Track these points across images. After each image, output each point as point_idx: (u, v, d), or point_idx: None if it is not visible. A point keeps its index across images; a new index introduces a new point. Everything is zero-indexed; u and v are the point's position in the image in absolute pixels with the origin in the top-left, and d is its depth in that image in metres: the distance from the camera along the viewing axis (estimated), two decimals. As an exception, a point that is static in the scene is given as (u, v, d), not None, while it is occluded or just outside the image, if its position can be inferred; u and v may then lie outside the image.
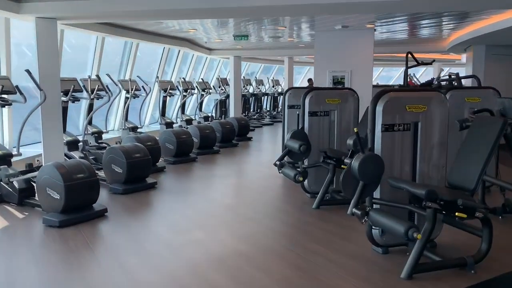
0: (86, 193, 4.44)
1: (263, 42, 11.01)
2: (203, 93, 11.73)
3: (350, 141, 3.90)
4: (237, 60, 12.94)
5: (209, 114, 12.92)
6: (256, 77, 17.43)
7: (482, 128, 3.42)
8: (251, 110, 16.19)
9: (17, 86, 4.94)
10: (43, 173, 4.40)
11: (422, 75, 23.51)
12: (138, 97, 8.56)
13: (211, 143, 8.86)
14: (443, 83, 6.55)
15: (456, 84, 5.92)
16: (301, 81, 22.38)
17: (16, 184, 4.87)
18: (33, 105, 5.10)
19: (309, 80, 16.88)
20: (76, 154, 6.51)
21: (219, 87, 13.09)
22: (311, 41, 10.52)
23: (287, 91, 6.91)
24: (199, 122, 11.47)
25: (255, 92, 16.13)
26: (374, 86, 8.02)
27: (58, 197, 4.25)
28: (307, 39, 10.15)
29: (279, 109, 18.17)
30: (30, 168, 5.24)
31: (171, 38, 9.76)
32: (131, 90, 8.25)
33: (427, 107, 3.45)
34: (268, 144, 10.95)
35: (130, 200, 5.31)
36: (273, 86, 18.03)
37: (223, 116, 14.02)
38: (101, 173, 6.01)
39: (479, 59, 9.25)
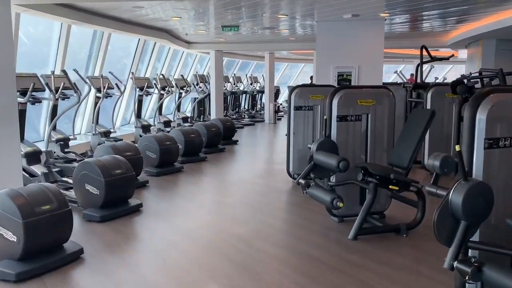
0: (53, 232, 3.27)
1: (248, 36, 9.94)
2: (181, 91, 10.56)
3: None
4: (219, 54, 11.86)
5: (188, 115, 11.80)
6: (234, 74, 16.35)
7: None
8: (230, 109, 15.14)
9: None
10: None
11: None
12: (111, 96, 7.31)
13: (197, 149, 7.77)
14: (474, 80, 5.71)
15: (500, 82, 5.12)
16: (295, 79, 21.42)
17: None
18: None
19: (312, 78, 16.14)
20: (37, 169, 5.24)
21: (197, 84, 11.96)
22: (306, 34, 9.59)
23: (293, 89, 5.94)
24: (178, 124, 10.30)
25: (233, 90, 15.07)
26: (384, 85, 7.15)
27: (15, 240, 3.06)
28: (304, 31, 9.17)
29: (258, 107, 17.23)
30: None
31: (148, 28, 8.53)
32: (103, 88, 7.00)
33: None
34: (257, 149, 9.94)
35: (110, 231, 4.16)
36: (251, 84, 17.02)
37: (201, 116, 12.91)
38: (71, 193, 4.81)
39: (489, 54, 8.58)
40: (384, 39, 7.26)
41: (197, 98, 12.22)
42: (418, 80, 6.73)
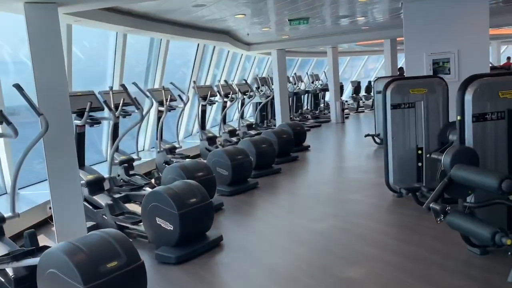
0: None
1: (311, 29, 8.94)
2: (244, 97, 9.79)
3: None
4: (281, 54, 10.96)
5: (252, 121, 11.05)
6: (295, 74, 15.43)
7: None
8: (292, 111, 14.23)
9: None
10: (47, 263, 2.48)
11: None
12: (174, 109, 6.65)
13: (270, 161, 6.92)
14: None
15: None
16: (357, 74, 20.22)
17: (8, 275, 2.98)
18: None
19: (400, 69, 14.78)
20: (101, 199, 4.62)
21: (258, 88, 11.16)
22: (377, 21, 8.43)
23: (388, 84, 4.89)
24: (244, 133, 9.54)
25: (295, 91, 14.17)
26: (492, 69, 5.86)
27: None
28: (379, 18, 8.03)
29: (321, 107, 16.15)
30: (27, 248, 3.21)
31: (207, 32, 7.84)
32: (166, 101, 6.35)
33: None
34: (333, 154, 8.93)
35: (189, 277, 3.38)
36: (312, 82, 15.95)
37: (265, 121, 12.11)
38: (140, 227, 4.13)
39: None
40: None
41: (260, 102, 11.43)
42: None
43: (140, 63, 8.30)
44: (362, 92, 18.46)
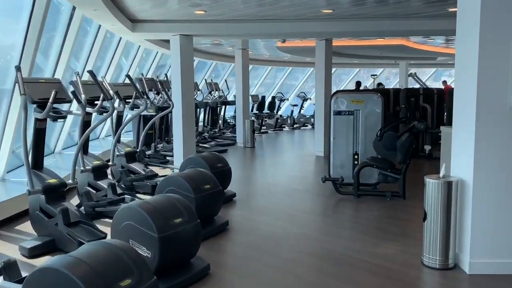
0: None
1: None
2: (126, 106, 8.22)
3: None
4: (186, 42, 9.58)
5: (134, 147, 9.36)
6: (208, 80, 14.86)
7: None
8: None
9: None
10: None
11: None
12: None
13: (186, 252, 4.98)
14: None
15: None
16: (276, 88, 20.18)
17: None
18: None
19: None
20: None
21: (145, 94, 9.80)
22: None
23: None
24: (122, 174, 7.39)
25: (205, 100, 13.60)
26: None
27: None
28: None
29: (220, 124, 15.70)
30: None
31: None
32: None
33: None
34: (278, 214, 6.46)
35: None
36: (210, 93, 15.41)
37: (153, 145, 10.34)
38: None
39: None
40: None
41: (148, 116, 9.58)
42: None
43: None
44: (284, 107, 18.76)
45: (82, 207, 5.21)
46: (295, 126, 18.98)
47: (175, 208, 3.82)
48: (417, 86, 13.74)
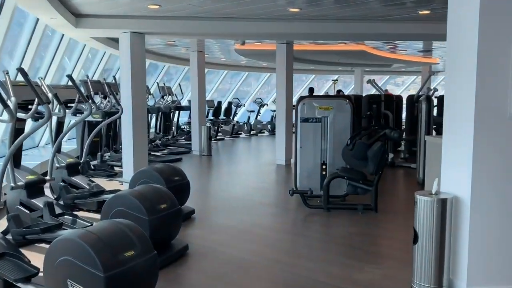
0: None
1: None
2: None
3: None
4: (137, 41, 8.68)
5: (74, 158, 8.60)
6: (160, 83, 14.04)
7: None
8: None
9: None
10: None
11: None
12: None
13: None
14: None
15: None
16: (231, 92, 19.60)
17: None
18: None
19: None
20: None
21: (89, 97, 8.89)
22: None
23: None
24: (62, 191, 6.40)
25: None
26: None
27: None
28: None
29: (174, 131, 14.91)
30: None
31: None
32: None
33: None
34: (240, 232, 6.61)
35: None
36: (162, 97, 14.62)
37: (99, 155, 9.29)
38: None
39: None
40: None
41: (93, 122, 8.81)
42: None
43: None
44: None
45: (10, 234, 4.34)
46: (252, 132, 18.41)
47: (125, 238, 3.15)
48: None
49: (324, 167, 7.29)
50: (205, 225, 6.13)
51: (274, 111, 20.08)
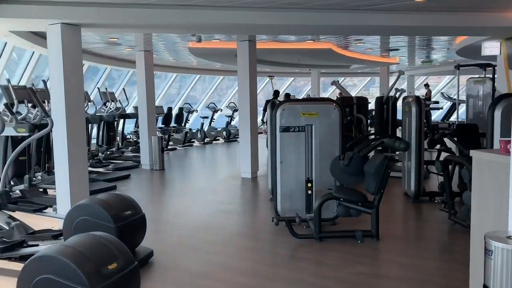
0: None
1: None
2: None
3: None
4: (71, 34, 6.78)
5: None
6: (102, 89, 12.45)
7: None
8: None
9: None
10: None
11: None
12: None
13: None
14: None
15: None
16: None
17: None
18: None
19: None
20: None
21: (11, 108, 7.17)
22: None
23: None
24: None
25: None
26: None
27: None
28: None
29: (118, 142, 13.28)
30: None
31: None
32: None
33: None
34: None
35: None
36: (104, 104, 12.98)
37: (28, 178, 7.41)
38: None
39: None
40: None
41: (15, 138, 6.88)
42: None
43: None
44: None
45: None
46: (206, 140, 16.97)
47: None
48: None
49: (309, 185, 6.04)
50: (170, 276, 4.55)
51: (230, 116, 18.96)
